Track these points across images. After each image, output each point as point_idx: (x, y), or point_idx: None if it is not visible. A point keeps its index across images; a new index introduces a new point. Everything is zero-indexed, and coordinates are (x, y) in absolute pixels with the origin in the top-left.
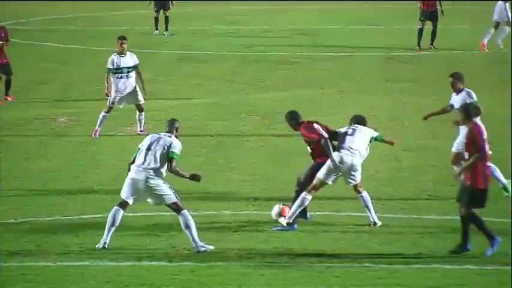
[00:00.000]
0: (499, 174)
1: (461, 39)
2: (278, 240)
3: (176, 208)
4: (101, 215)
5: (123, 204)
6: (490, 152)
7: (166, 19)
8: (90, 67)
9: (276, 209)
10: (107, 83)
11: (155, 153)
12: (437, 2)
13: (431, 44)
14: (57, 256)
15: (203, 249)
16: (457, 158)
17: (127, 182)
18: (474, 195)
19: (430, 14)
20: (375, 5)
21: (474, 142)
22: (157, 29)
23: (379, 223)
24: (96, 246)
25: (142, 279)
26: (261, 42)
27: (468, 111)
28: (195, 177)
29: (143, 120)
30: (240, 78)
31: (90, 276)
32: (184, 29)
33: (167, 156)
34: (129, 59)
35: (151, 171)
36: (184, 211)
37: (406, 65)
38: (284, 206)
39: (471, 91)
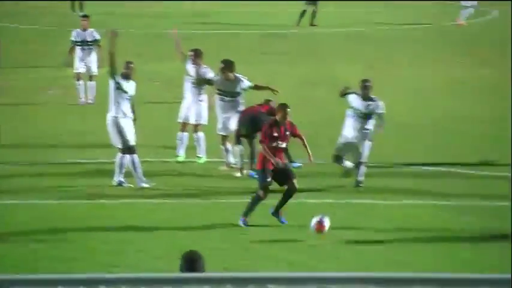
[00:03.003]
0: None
1: (326, 20)
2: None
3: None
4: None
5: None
6: None
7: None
8: None
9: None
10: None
11: None
12: None
13: (312, 22)
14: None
15: (145, 185)
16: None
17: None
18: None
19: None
20: None
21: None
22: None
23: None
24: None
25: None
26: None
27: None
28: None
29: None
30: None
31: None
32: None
33: None
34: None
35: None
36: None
37: (280, 40)
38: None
39: (244, 77)
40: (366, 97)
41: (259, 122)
